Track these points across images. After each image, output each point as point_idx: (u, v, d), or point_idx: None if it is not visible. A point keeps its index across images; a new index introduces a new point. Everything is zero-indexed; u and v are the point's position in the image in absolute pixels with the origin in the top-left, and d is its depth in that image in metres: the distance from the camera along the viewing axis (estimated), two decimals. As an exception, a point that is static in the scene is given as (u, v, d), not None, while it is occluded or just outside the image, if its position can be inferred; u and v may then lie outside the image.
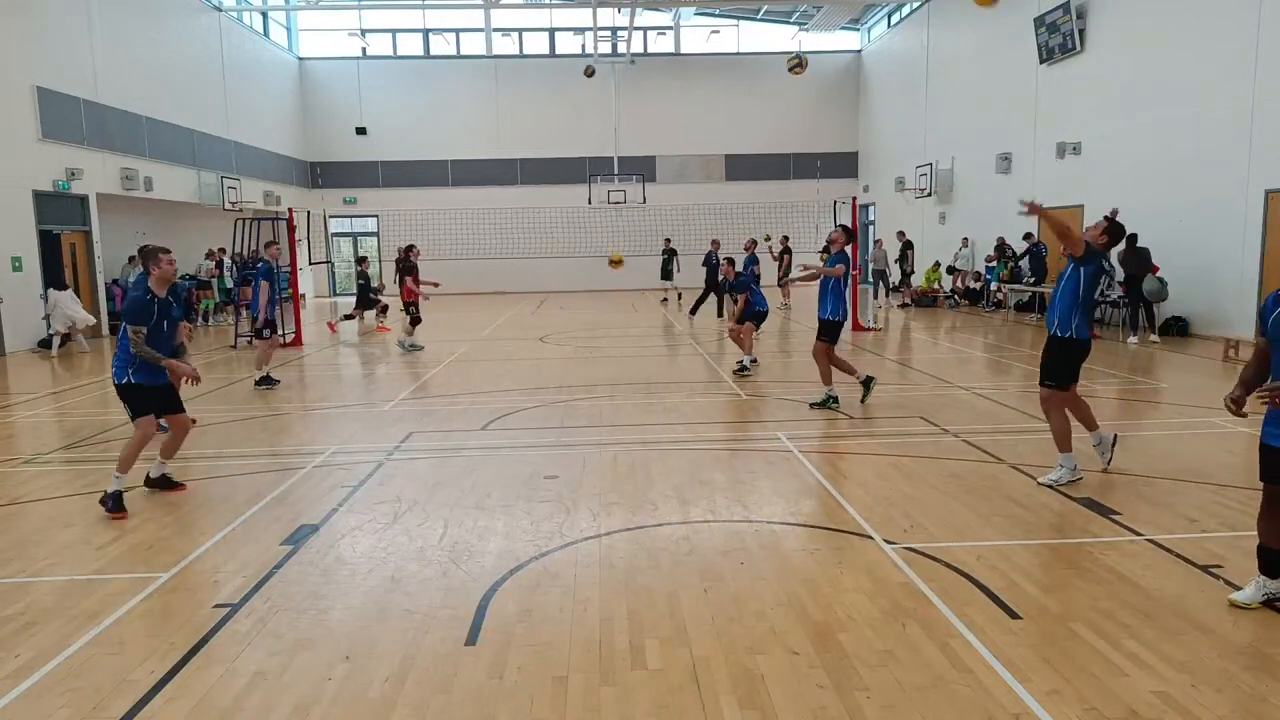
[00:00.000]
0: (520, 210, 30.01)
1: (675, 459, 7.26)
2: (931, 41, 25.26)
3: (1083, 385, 10.38)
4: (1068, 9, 17.77)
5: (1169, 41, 15.29)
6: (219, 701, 3.50)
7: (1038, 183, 19.55)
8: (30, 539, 5.50)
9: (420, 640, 3.99)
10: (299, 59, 30.45)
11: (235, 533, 5.53)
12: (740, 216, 26.25)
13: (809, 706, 3.36)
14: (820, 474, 6.61)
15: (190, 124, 22.06)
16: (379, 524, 5.64)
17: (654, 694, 3.49)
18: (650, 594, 4.46)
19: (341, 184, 30.84)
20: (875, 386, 9.43)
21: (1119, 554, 4.86)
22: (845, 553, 5.00)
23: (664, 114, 30.96)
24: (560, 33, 31.25)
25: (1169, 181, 15.21)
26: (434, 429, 8.68)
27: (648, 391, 10.42)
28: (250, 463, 7.36)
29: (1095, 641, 3.82)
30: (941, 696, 3.41)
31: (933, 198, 24.70)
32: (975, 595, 4.34)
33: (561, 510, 5.85)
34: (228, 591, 4.58)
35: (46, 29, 16.84)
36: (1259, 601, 4.12)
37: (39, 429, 9.18)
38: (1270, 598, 4.13)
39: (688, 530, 5.45)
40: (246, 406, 10.04)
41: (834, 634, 3.95)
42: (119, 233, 19.51)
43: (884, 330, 16.92)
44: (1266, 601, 4.12)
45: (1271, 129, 13.13)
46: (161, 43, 21.08)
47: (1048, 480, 6.19)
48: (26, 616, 4.33)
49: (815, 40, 31.10)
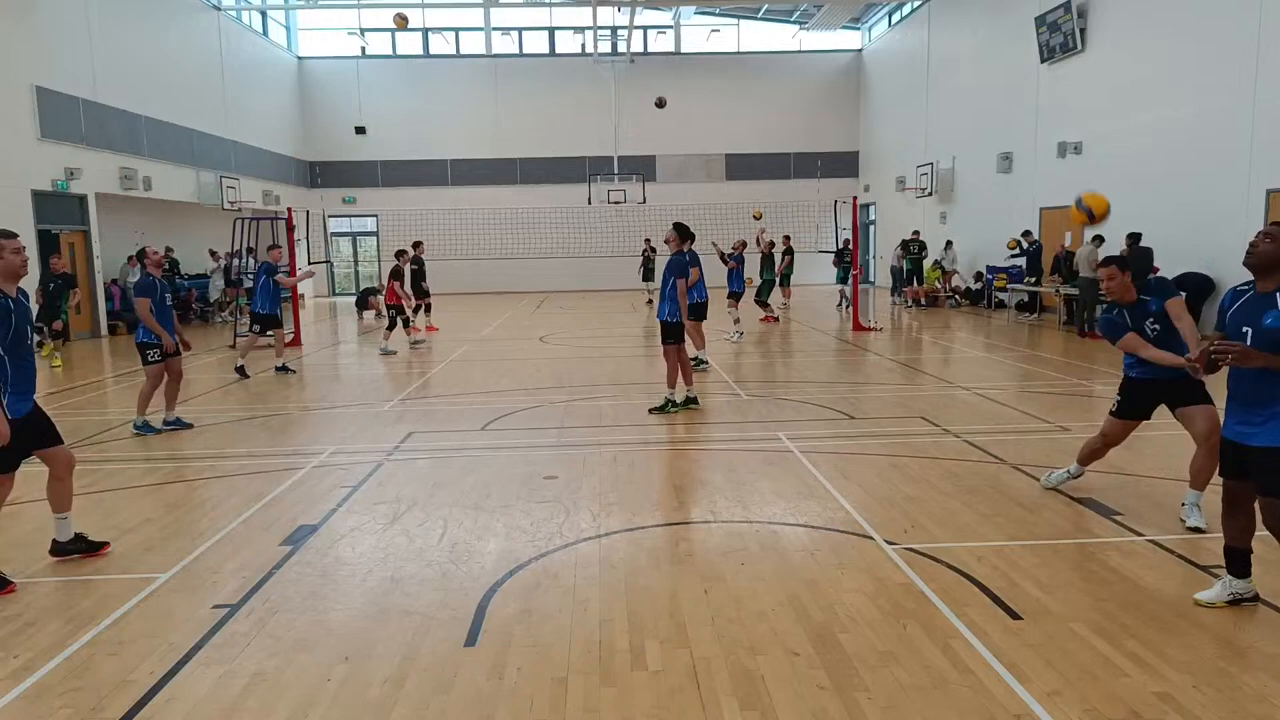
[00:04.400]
0: (520, 210, 29.98)
1: (675, 459, 7.26)
2: (932, 41, 25.25)
3: (1081, 384, 10.44)
4: (1069, 8, 17.76)
5: (1170, 41, 15.28)
6: (218, 702, 3.49)
7: (1038, 182, 19.55)
8: (30, 539, 5.48)
9: (420, 641, 3.99)
10: (298, 58, 30.44)
11: (234, 533, 5.52)
12: (740, 216, 26.21)
13: (809, 707, 3.35)
14: (820, 474, 6.60)
15: (189, 123, 22.04)
16: (378, 524, 5.64)
17: (654, 695, 3.48)
18: (650, 594, 4.45)
19: (341, 183, 30.82)
20: (680, 410, 8.88)
21: (1120, 554, 4.85)
22: (846, 553, 4.99)
23: (664, 113, 30.82)
24: (560, 31, 31.24)
25: (1170, 181, 15.20)
26: (434, 429, 8.67)
27: (648, 391, 10.40)
28: (250, 463, 7.35)
29: (1096, 642, 3.81)
30: (942, 697, 3.40)
31: (933, 197, 24.69)
32: (976, 596, 4.33)
33: (561, 510, 5.84)
34: (227, 592, 4.57)
35: (46, 28, 16.83)
36: (1224, 601, 4.07)
37: (38, 429, 9.16)
38: (1236, 597, 4.07)
39: (688, 531, 5.44)
40: (246, 406, 10.03)
41: (834, 635, 3.95)
42: (118, 232, 19.50)
43: (883, 330, 16.90)
44: (1232, 600, 4.07)
45: (1271, 129, 13.13)
46: (161, 42, 21.07)
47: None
48: (26, 617, 4.32)
49: (815, 39, 31.10)
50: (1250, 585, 4.10)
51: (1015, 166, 20.65)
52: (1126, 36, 16.52)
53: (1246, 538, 4.06)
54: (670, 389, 9.11)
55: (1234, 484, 4.01)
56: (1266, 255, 3.78)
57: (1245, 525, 4.04)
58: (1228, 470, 4.03)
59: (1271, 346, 3.70)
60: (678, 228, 9.13)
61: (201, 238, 22.82)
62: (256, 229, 17.77)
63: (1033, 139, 19.66)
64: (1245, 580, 4.09)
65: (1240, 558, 4.08)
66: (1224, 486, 4.06)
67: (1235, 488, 4.01)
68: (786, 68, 31.48)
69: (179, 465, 7.39)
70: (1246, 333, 3.81)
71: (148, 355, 8.49)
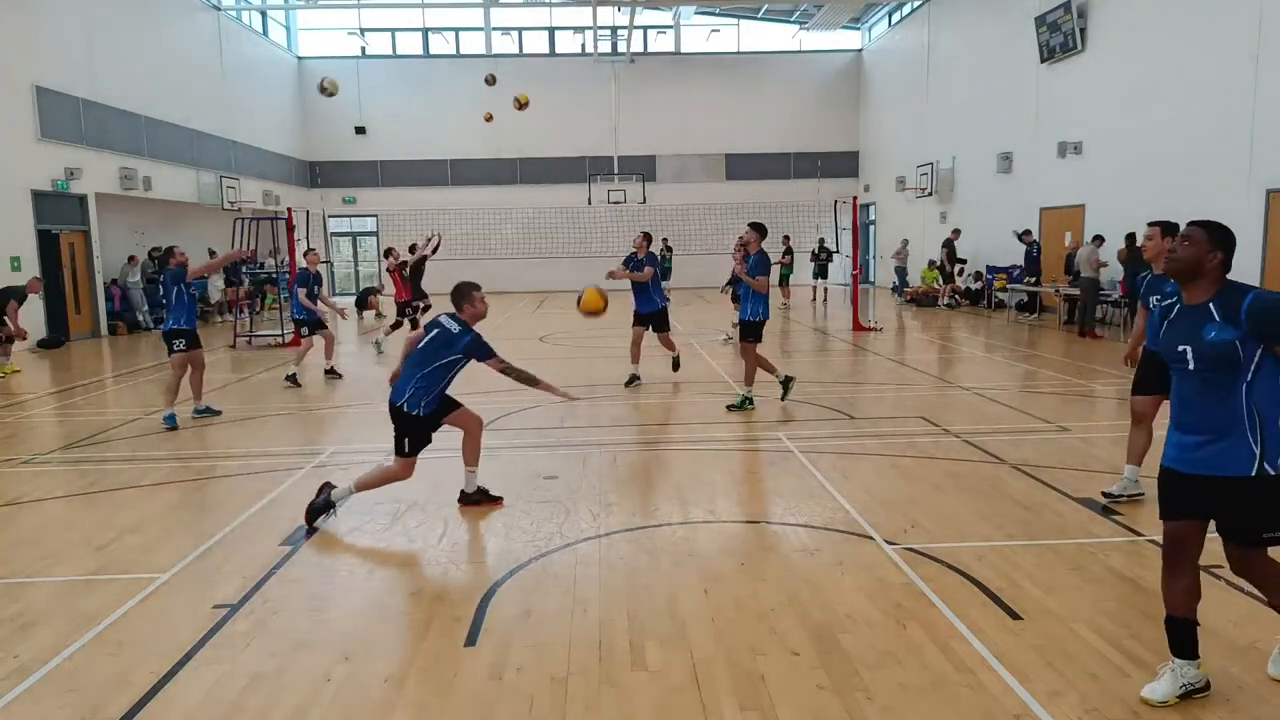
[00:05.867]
0: (520, 210, 29.98)
1: (675, 459, 7.26)
2: (932, 40, 25.25)
3: (1081, 384, 10.44)
4: (1069, 8, 17.76)
5: (1170, 41, 15.27)
6: (218, 702, 3.49)
7: (1039, 182, 19.55)
8: (29, 539, 5.49)
9: (420, 641, 3.99)
10: (298, 58, 30.42)
11: (235, 533, 5.52)
12: (740, 216, 26.20)
13: (809, 708, 3.35)
14: (821, 474, 6.60)
15: (189, 123, 22.04)
16: (378, 524, 5.63)
17: (654, 695, 3.48)
18: (650, 594, 4.45)
19: (340, 183, 30.81)
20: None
21: (1120, 554, 4.85)
22: (846, 553, 4.99)
23: (664, 113, 30.93)
24: (560, 31, 31.23)
25: (1170, 181, 15.19)
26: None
27: (648, 391, 10.41)
28: (250, 463, 7.35)
29: (1096, 642, 3.81)
30: (942, 697, 3.40)
31: (933, 197, 24.70)
32: (976, 596, 4.33)
33: (561, 510, 5.84)
34: (227, 592, 4.57)
35: (45, 28, 16.82)
36: (1175, 698, 3.25)
37: (38, 429, 9.17)
38: (1189, 689, 3.26)
39: (688, 530, 5.44)
40: (246, 406, 10.03)
41: (834, 635, 3.94)
42: (118, 232, 19.50)
43: (883, 330, 16.90)
44: (1184, 694, 3.25)
45: (1271, 129, 13.12)
46: (160, 42, 21.06)
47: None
48: (25, 617, 4.32)
49: (815, 39, 31.10)
50: (1200, 672, 3.28)
51: (1015, 166, 20.64)
52: (1126, 36, 16.51)
53: (1194, 602, 3.25)
54: (748, 386, 9.14)
55: (1177, 526, 3.23)
56: (1185, 262, 3.17)
57: (1191, 586, 3.24)
58: (1169, 508, 3.25)
59: (1216, 363, 3.10)
60: (756, 227, 9.12)
61: (201, 238, 22.80)
62: (256, 229, 17.75)
63: (1033, 139, 19.65)
64: (1193, 662, 3.26)
65: (1186, 631, 3.25)
66: (1164, 533, 3.29)
67: (1180, 531, 3.22)
68: (786, 68, 31.47)
69: (179, 465, 7.38)
70: (1185, 351, 3.19)
71: (173, 345, 8.72)
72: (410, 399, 5.55)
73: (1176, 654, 3.28)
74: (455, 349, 5.63)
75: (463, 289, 5.83)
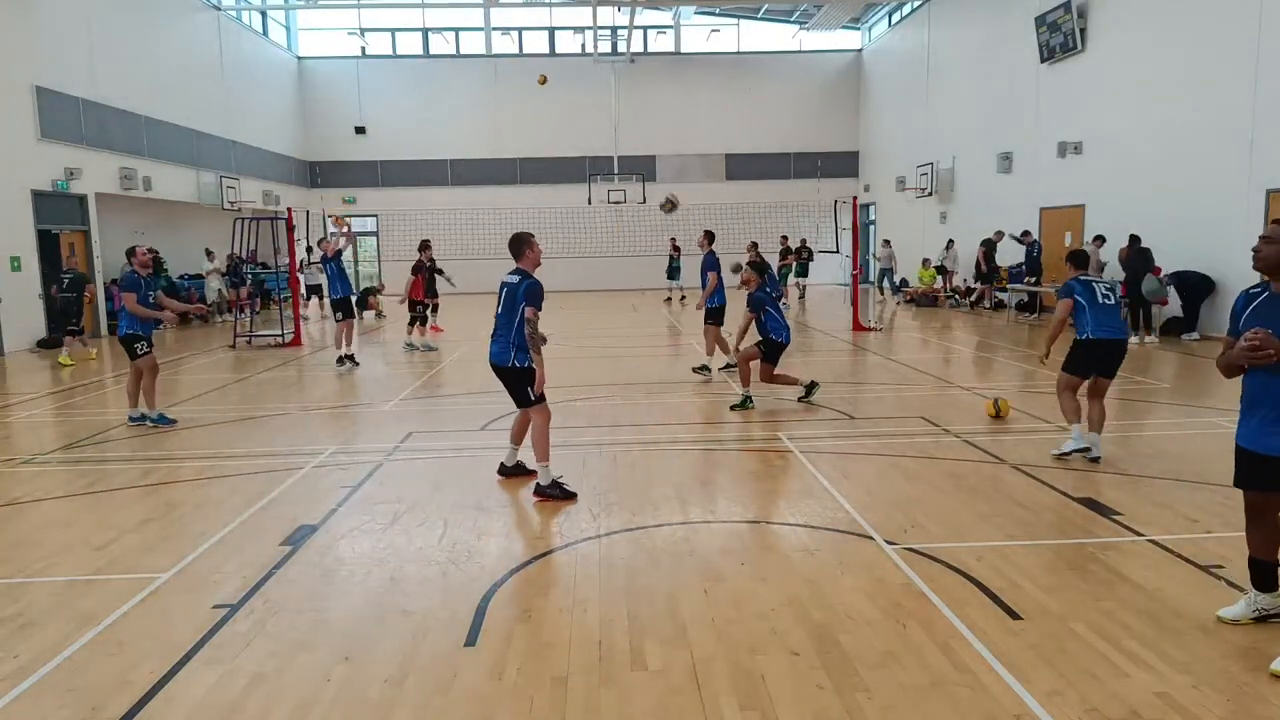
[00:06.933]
0: (520, 210, 29.94)
1: (675, 459, 7.25)
2: (932, 40, 25.25)
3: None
4: (1069, 8, 17.76)
5: (1170, 41, 15.28)
6: (218, 702, 3.49)
7: (1038, 182, 19.55)
8: (29, 539, 5.49)
9: (420, 641, 3.99)
10: (298, 58, 30.41)
11: (234, 533, 5.52)
12: (740, 216, 26.21)
13: (809, 707, 3.35)
14: (820, 474, 6.60)
15: (189, 123, 22.03)
16: (378, 524, 5.63)
17: (654, 695, 3.48)
18: (650, 594, 4.45)
19: (341, 183, 30.80)
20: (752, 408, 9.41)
21: (1120, 554, 4.85)
22: (846, 553, 4.99)
23: (664, 113, 30.93)
24: (560, 31, 31.22)
25: (1169, 181, 15.20)
26: (434, 429, 8.67)
27: (648, 391, 10.41)
28: (250, 463, 7.35)
29: (1096, 642, 3.81)
30: (942, 697, 3.40)
31: (933, 197, 24.69)
32: (976, 596, 4.33)
33: (561, 511, 5.84)
34: (227, 592, 4.57)
35: (45, 28, 16.82)
36: (1250, 618, 3.92)
37: (38, 429, 9.17)
38: (1262, 614, 3.91)
39: (688, 530, 5.44)
40: (246, 406, 10.03)
41: (834, 635, 3.94)
42: (118, 232, 19.48)
43: (883, 330, 16.90)
44: (1259, 617, 3.91)
45: (1271, 129, 13.12)
46: (160, 42, 21.06)
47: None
48: (25, 617, 4.32)
49: (815, 39, 31.09)
50: (1277, 600, 3.94)
51: (1015, 166, 20.64)
52: (1126, 36, 16.51)
53: (1272, 550, 3.89)
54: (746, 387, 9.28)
55: (1259, 496, 3.85)
56: (1271, 258, 3.78)
57: (1270, 537, 3.89)
58: (1253, 482, 3.85)
59: None
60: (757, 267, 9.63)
61: (201, 238, 22.80)
62: (256, 229, 17.74)
63: (1033, 139, 19.65)
64: (1272, 594, 3.93)
65: (1266, 571, 3.93)
66: (1247, 499, 3.89)
67: (1260, 500, 3.85)
68: (786, 68, 31.47)
69: (179, 465, 7.38)
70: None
71: (135, 349, 8.71)
72: (517, 355, 6.02)
73: (1257, 587, 3.94)
74: (521, 294, 6.05)
75: (521, 237, 6.34)
